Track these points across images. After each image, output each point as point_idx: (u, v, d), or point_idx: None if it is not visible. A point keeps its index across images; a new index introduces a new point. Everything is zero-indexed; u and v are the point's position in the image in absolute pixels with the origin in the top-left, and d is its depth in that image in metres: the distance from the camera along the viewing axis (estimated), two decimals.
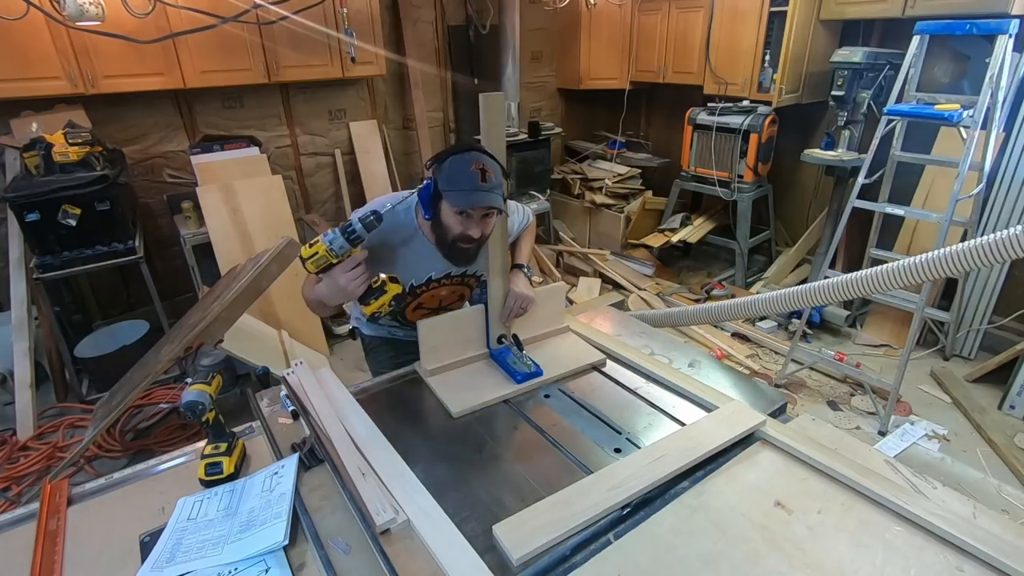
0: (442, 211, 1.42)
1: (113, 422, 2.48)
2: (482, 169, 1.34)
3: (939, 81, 3.41)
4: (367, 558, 0.97)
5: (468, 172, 1.33)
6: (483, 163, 1.35)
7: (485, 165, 1.35)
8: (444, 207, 1.40)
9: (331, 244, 1.25)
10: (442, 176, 1.37)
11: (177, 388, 3.09)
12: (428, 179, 1.43)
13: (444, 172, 1.37)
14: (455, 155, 1.37)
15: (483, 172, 1.34)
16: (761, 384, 1.55)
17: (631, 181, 4.86)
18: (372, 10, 3.75)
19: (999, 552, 0.93)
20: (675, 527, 1.02)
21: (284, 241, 2.51)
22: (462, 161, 1.35)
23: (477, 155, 1.37)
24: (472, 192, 1.34)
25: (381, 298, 1.33)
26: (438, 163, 1.39)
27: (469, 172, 1.33)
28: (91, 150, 2.90)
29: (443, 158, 1.39)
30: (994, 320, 3.28)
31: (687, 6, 4.22)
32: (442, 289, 1.63)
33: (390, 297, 1.34)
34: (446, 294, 1.66)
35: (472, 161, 1.34)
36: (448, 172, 1.36)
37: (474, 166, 1.34)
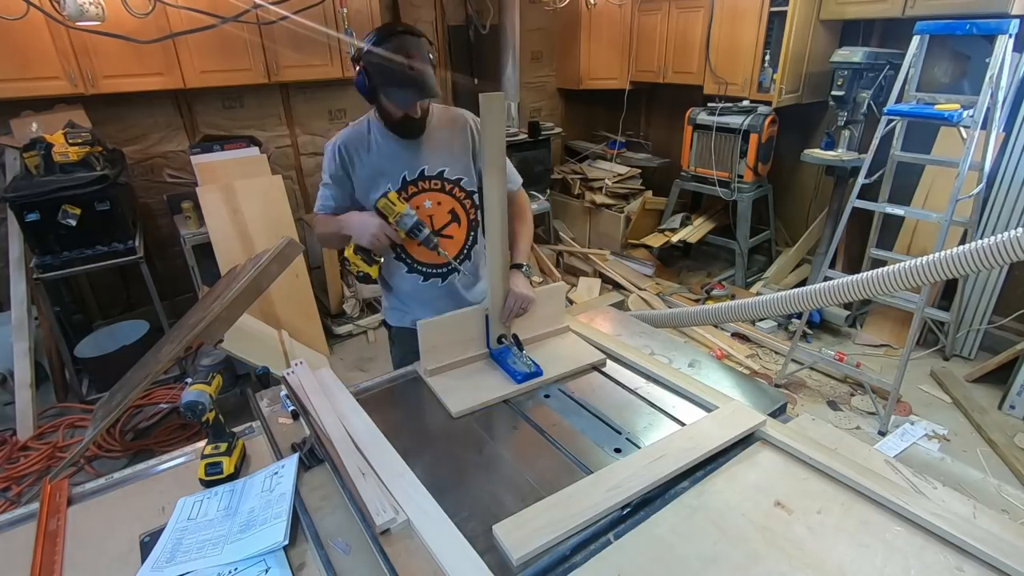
0: (380, 100, 1.48)
1: (113, 422, 2.48)
2: (407, 55, 1.37)
3: (939, 81, 3.41)
4: (367, 558, 0.97)
5: (396, 64, 1.37)
6: (408, 48, 1.38)
7: (410, 49, 1.38)
8: (382, 97, 1.46)
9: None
10: (374, 70, 1.40)
11: (177, 388, 3.09)
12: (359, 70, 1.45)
13: (375, 66, 1.40)
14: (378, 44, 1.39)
15: (410, 59, 1.37)
16: (761, 384, 1.55)
17: (631, 181, 4.86)
18: (372, 10, 3.76)
19: (999, 552, 0.93)
20: (675, 527, 1.02)
21: (284, 241, 2.51)
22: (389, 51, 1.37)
23: (401, 40, 1.39)
24: (407, 88, 1.41)
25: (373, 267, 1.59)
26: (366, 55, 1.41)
27: (396, 64, 1.37)
28: (91, 150, 2.91)
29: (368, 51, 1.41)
30: (994, 320, 3.28)
31: (687, 6, 4.22)
32: (424, 198, 1.60)
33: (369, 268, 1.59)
34: (432, 208, 1.62)
35: (397, 50, 1.37)
36: (378, 66, 1.39)
37: (400, 55, 1.37)
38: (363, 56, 1.42)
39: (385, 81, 1.41)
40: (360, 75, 1.45)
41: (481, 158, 1.46)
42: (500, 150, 1.41)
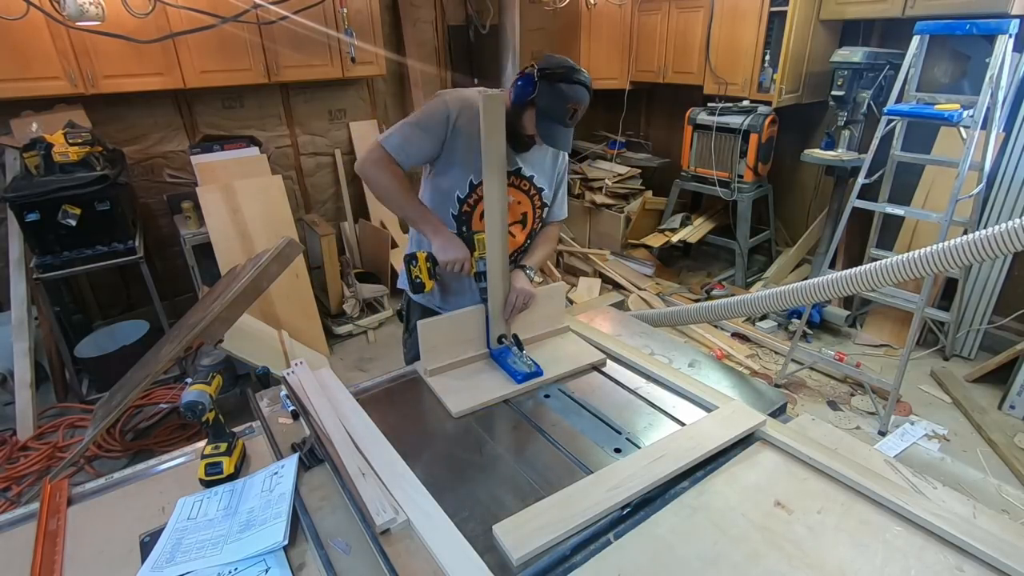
0: (525, 114, 1.48)
1: (113, 422, 2.48)
2: (576, 109, 1.43)
3: (939, 81, 3.41)
4: (367, 558, 0.97)
5: (565, 108, 1.42)
6: (580, 104, 1.43)
7: (580, 105, 1.44)
8: (529, 115, 1.47)
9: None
10: (542, 94, 1.43)
11: (177, 388, 3.09)
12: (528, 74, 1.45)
13: (545, 93, 1.42)
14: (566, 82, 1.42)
15: (576, 112, 1.44)
16: (761, 384, 1.55)
17: (631, 181, 4.86)
18: (372, 10, 3.76)
19: (999, 552, 0.93)
20: (675, 527, 1.02)
21: (284, 241, 2.51)
22: (568, 94, 1.42)
23: (582, 93, 1.43)
24: (559, 131, 1.46)
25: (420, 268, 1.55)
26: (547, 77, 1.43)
27: (566, 108, 1.42)
28: (91, 150, 2.90)
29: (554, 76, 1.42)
30: (994, 320, 3.28)
31: (687, 6, 4.22)
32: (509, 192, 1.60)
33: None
34: (511, 207, 1.63)
35: (574, 99, 1.42)
36: (548, 96, 1.42)
37: (572, 104, 1.42)
38: (546, 76, 1.43)
39: (546, 112, 1.44)
40: (528, 85, 1.45)
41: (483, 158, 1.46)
42: (500, 149, 1.40)
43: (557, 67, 1.44)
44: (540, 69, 1.45)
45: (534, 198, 1.68)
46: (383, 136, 1.54)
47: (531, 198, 1.68)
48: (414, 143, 1.53)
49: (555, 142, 1.49)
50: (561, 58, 1.48)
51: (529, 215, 1.70)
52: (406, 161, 1.54)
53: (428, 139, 1.53)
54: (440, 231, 1.54)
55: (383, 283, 4.05)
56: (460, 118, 1.51)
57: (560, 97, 1.42)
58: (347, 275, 4.02)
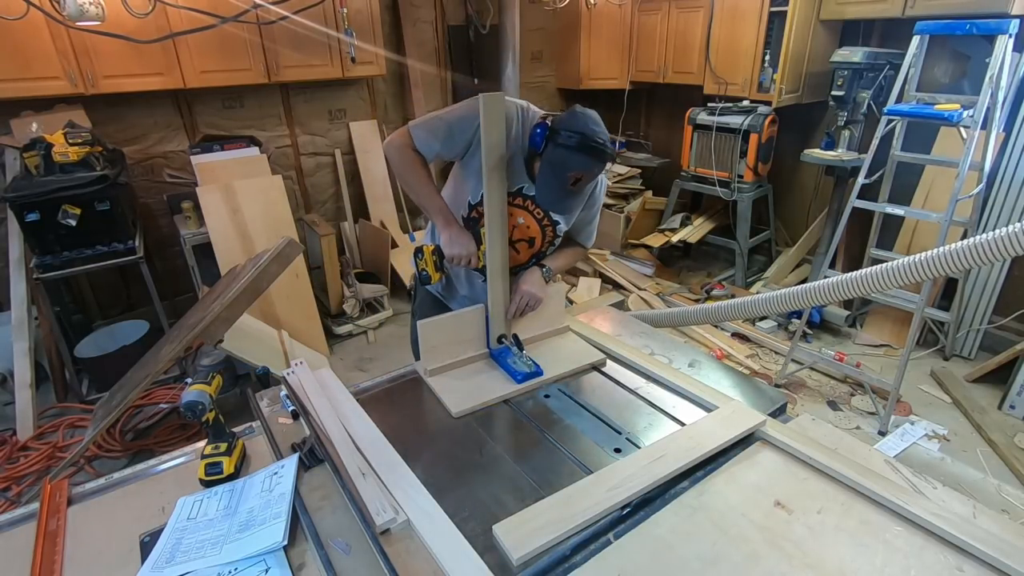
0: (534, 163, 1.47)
1: (113, 422, 2.48)
2: (579, 179, 1.39)
3: (939, 81, 3.41)
4: (367, 558, 0.97)
5: (566, 176, 1.38)
6: (582, 174, 1.39)
7: (585, 175, 1.39)
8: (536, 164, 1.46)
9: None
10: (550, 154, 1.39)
11: (177, 388, 3.09)
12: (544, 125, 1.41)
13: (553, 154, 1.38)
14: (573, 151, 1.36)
15: (579, 181, 1.39)
16: (761, 384, 1.55)
17: (631, 181, 4.86)
18: (372, 10, 3.75)
19: (999, 552, 0.93)
20: (675, 527, 1.02)
21: (284, 241, 2.51)
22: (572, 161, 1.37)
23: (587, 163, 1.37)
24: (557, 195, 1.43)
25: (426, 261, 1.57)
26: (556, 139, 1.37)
27: (567, 176, 1.38)
28: (91, 150, 2.90)
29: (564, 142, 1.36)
30: (994, 320, 3.28)
31: (687, 6, 4.22)
32: (520, 214, 1.60)
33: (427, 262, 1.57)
34: (523, 223, 1.62)
35: (577, 168, 1.37)
36: (553, 156, 1.38)
37: (572, 176, 1.38)
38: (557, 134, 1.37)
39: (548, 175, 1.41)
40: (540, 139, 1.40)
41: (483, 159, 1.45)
42: (499, 150, 1.41)
43: (570, 131, 1.36)
44: (553, 128, 1.39)
45: (545, 228, 1.64)
46: (414, 122, 1.53)
47: (542, 226, 1.64)
48: (440, 140, 1.50)
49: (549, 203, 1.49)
50: (583, 118, 1.38)
51: (538, 239, 1.66)
52: (428, 154, 1.53)
53: (453, 140, 1.50)
54: (450, 223, 1.53)
55: (383, 283, 4.05)
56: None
57: (563, 163, 1.37)
58: (347, 275, 4.02)
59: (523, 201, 1.59)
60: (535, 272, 1.62)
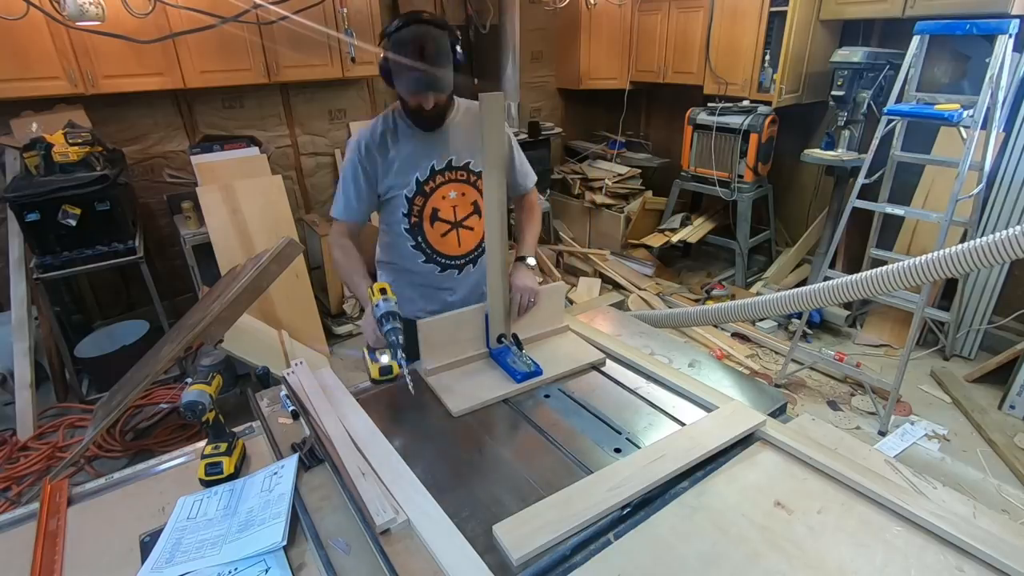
0: (397, 86, 1.46)
1: (113, 422, 2.48)
2: (422, 45, 1.37)
3: (939, 81, 3.41)
4: (367, 558, 0.97)
5: (407, 53, 1.37)
6: (421, 39, 1.37)
7: (423, 40, 1.38)
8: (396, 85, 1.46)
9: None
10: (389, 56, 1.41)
11: (177, 388, 3.09)
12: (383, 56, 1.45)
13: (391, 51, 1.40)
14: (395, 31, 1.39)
15: (422, 49, 1.37)
16: (761, 384, 1.55)
17: (631, 181, 4.86)
18: (372, 10, 3.76)
19: (999, 552, 0.93)
20: (675, 527, 1.02)
21: (284, 241, 2.51)
22: (402, 39, 1.38)
23: (416, 31, 1.38)
24: (411, 75, 1.40)
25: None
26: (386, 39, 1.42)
27: (408, 53, 1.37)
28: (91, 150, 2.91)
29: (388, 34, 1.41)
30: (994, 320, 3.28)
31: (687, 6, 4.22)
32: (448, 188, 1.62)
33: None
34: (456, 199, 1.64)
35: (409, 39, 1.37)
36: (392, 51, 1.40)
37: (412, 45, 1.37)
38: (384, 40, 1.43)
39: (397, 69, 1.42)
40: (382, 60, 1.45)
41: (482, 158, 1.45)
42: (500, 150, 1.41)
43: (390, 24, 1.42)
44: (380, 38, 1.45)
45: (478, 184, 1.65)
46: (333, 207, 1.61)
47: (474, 185, 1.67)
48: (354, 196, 1.58)
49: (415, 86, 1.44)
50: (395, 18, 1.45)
51: (481, 203, 1.67)
52: (362, 216, 1.61)
53: (361, 185, 1.57)
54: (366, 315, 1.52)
55: None
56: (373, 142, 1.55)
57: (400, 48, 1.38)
58: None
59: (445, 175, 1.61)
60: (519, 267, 1.62)
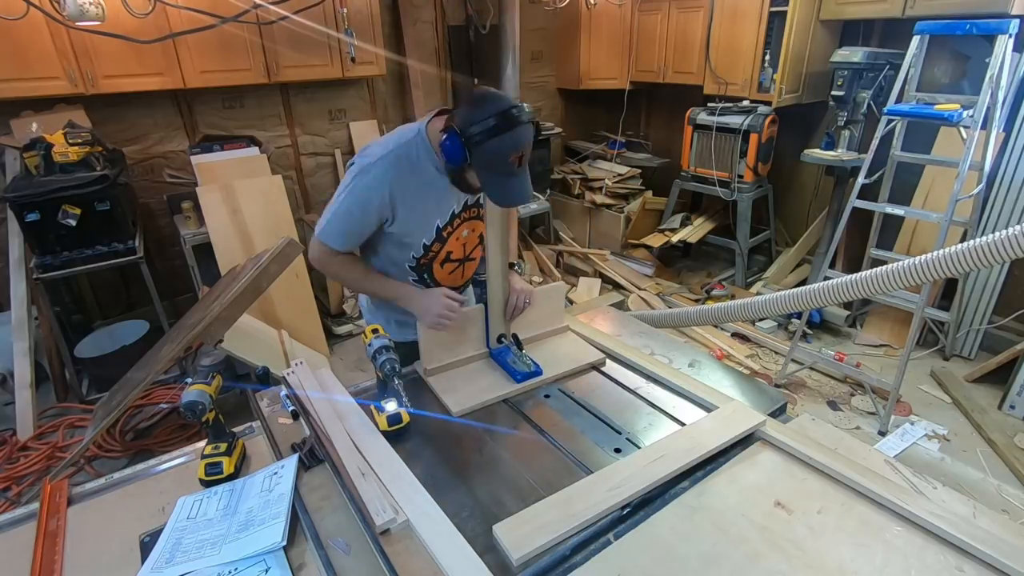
0: (468, 172, 1.31)
1: (113, 422, 2.48)
2: (520, 156, 1.22)
3: (939, 81, 3.41)
4: (367, 558, 0.97)
5: (507, 162, 1.22)
6: (522, 148, 1.22)
7: (524, 150, 1.23)
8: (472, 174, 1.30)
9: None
10: (479, 153, 1.22)
11: (177, 388, 3.09)
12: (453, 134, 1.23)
13: (482, 151, 1.21)
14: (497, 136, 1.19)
15: (520, 159, 1.23)
16: (761, 384, 1.55)
17: (631, 181, 4.86)
18: (372, 10, 3.75)
19: (999, 552, 0.93)
20: (675, 527, 1.02)
21: (284, 241, 2.51)
22: (505, 146, 1.20)
23: (519, 139, 1.21)
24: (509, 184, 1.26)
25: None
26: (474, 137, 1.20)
27: (508, 161, 1.22)
28: (91, 150, 2.90)
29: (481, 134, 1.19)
30: (994, 320, 3.28)
31: (687, 6, 4.22)
32: (463, 227, 1.53)
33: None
34: (467, 235, 1.57)
35: (512, 150, 1.21)
36: (487, 154, 1.21)
37: (513, 156, 1.21)
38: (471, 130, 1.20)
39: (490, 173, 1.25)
40: (456, 143, 1.21)
41: None
42: None
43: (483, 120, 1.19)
44: (463, 130, 1.21)
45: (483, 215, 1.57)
46: (320, 227, 1.40)
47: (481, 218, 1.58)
48: (355, 231, 1.41)
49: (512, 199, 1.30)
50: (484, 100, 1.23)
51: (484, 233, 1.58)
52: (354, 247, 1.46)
53: (370, 220, 1.40)
54: (412, 294, 1.44)
55: None
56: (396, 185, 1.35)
57: (497, 155, 1.21)
58: None
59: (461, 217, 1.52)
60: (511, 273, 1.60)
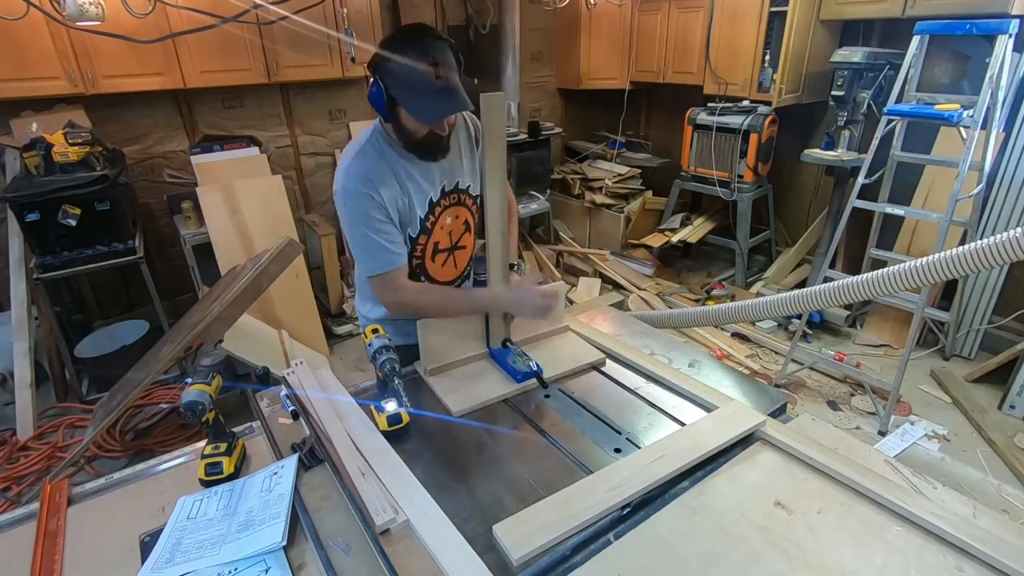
0: (401, 116, 1.27)
1: (113, 422, 2.48)
2: (434, 63, 1.17)
3: (939, 81, 3.41)
4: (367, 558, 0.97)
5: (420, 73, 1.17)
6: (434, 55, 1.17)
7: (437, 56, 1.17)
8: (403, 112, 1.26)
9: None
10: (392, 81, 1.20)
11: (177, 388, 3.09)
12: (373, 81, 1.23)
13: (394, 76, 1.19)
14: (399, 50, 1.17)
15: (436, 66, 1.17)
16: (761, 384, 1.55)
17: (631, 181, 4.86)
18: (372, 10, 3.76)
19: (999, 552, 0.93)
20: (675, 527, 1.02)
21: (284, 241, 2.51)
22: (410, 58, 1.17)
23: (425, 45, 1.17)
24: (434, 98, 1.20)
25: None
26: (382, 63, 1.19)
27: (421, 73, 1.17)
28: (91, 150, 2.91)
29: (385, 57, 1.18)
30: (994, 320, 3.28)
31: (687, 6, 4.22)
32: (446, 215, 1.50)
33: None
34: (452, 223, 1.53)
35: (421, 57, 1.16)
36: (398, 76, 1.18)
37: (425, 62, 1.16)
38: (380, 63, 1.21)
39: (409, 93, 1.21)
40: (375, 86, 1.23)
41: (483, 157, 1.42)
42: (502, 150, 1.40)
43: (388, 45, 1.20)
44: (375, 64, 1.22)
45: (466, 201, 1.56)
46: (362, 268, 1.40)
47: (465, 204, 1.56)
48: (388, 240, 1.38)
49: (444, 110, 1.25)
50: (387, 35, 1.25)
51: (470, 219, 1.60)
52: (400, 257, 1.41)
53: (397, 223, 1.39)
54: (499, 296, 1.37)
55: None
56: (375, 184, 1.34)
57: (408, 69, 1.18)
58: (347, 275, 4.02)
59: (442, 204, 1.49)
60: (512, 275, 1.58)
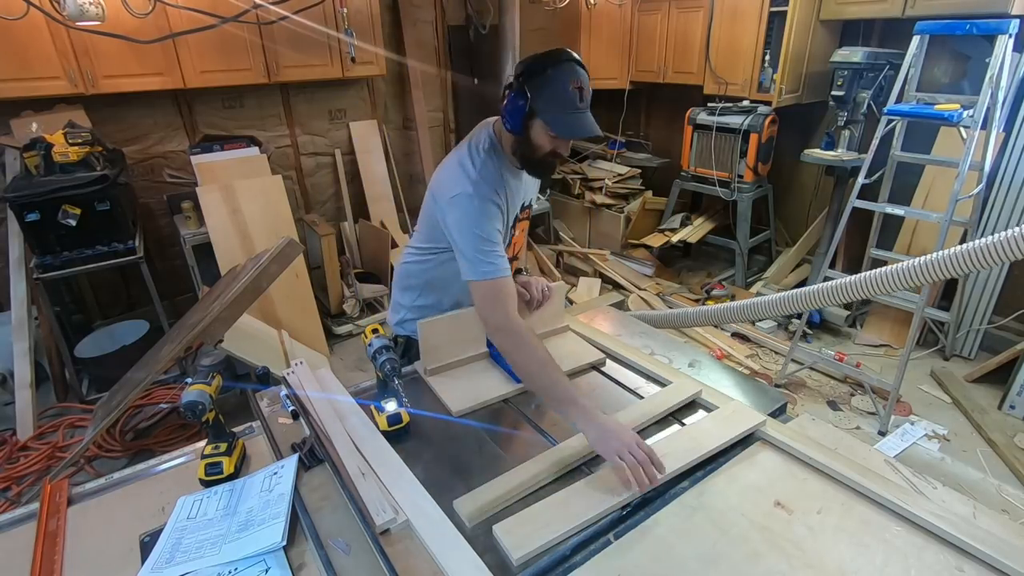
0: (533, 129, 1.31)
1: (113, 422, 2.48)
2: (579, 87, 1.24)
3: (939, 81, 3.41)
4: (367, 558, 0.97)
5: (568, 92, 1.24)
6: (581, 81, 1.25)
7: (582, 83, 1.25)
8: (537, 126, 1.30)
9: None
10: (538, 94, 1.25)
11: (177, 388, 3.09)
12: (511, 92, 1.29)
13: (541, 90, 1.25)
14: (552, 67, 1.25)
15: (581, 91, 1.25)
16: (761, 384, 1.55)
17: (631, 181, 4.86)
18: (372, 10, 3.76)
19: (999, 552, 0.93)
20: (675, 527, 1.02)
21: (284, 241, 2.51)
22: (561, 77, 1.24)
23: (575, 69, 1.25)
24: (574, 117, 1.26)
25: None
26: (530, 76, 1.26)
27: (569, 93, 1.24)
28: (91, 150, 2.90)
29: (536, 71, 1.26)
30: (994, 320, 3.27)
31: (687, 6, 4.22)
32: (517, 227, 1.54)
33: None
34: (518, 235, 1.56)
35: (571, 78, 1.24)
36: (545, 91, 1.25)
37: (572, 84, 1.24)
38: (530, 75, 1.26)
39: (552, 108, 1.26)
40: (516, 97, 1.27)
41: None
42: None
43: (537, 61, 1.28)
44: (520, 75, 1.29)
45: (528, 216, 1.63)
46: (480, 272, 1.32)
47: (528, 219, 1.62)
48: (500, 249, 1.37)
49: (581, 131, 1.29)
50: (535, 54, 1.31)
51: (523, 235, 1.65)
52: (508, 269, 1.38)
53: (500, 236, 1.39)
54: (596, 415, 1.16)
55: (383, 283, 4.05)
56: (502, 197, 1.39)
57: (556, 86, 1.25)
58: (347, 275, 4.02)
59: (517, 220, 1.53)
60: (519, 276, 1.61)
